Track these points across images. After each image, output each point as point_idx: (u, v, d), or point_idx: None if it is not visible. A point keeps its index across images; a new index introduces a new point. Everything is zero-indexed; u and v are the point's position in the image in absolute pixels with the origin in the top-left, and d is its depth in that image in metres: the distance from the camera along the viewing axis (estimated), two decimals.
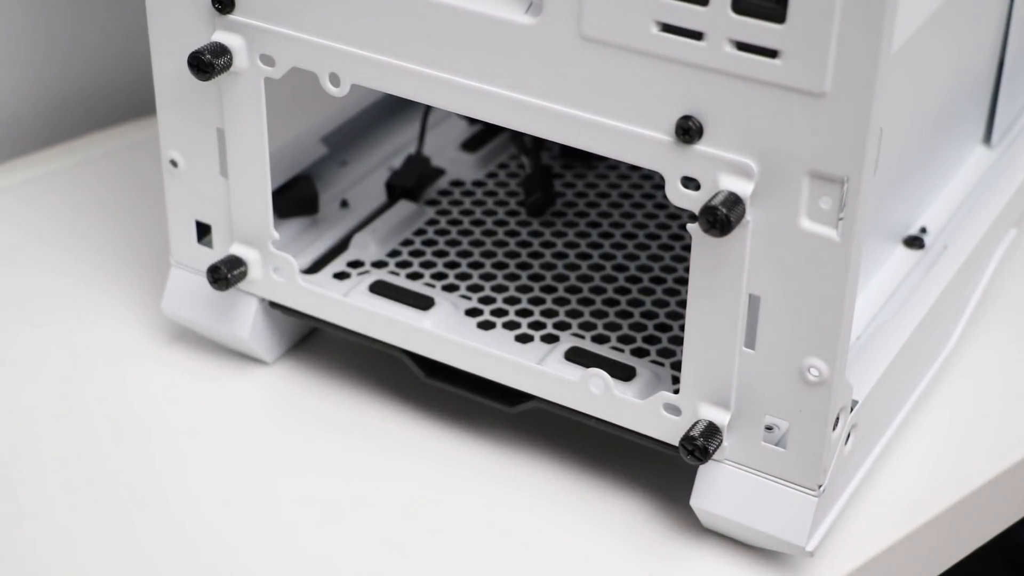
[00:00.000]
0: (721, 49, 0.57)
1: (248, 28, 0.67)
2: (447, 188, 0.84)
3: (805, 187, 0.58)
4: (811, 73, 0.55)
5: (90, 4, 0.99)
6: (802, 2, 0.54)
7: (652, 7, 0.57)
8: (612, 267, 0.78)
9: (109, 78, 1.01)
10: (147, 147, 0.91)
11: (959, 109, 0.78)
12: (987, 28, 0.77)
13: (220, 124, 0.70)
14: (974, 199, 0.78)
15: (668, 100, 0.59)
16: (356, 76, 0.65)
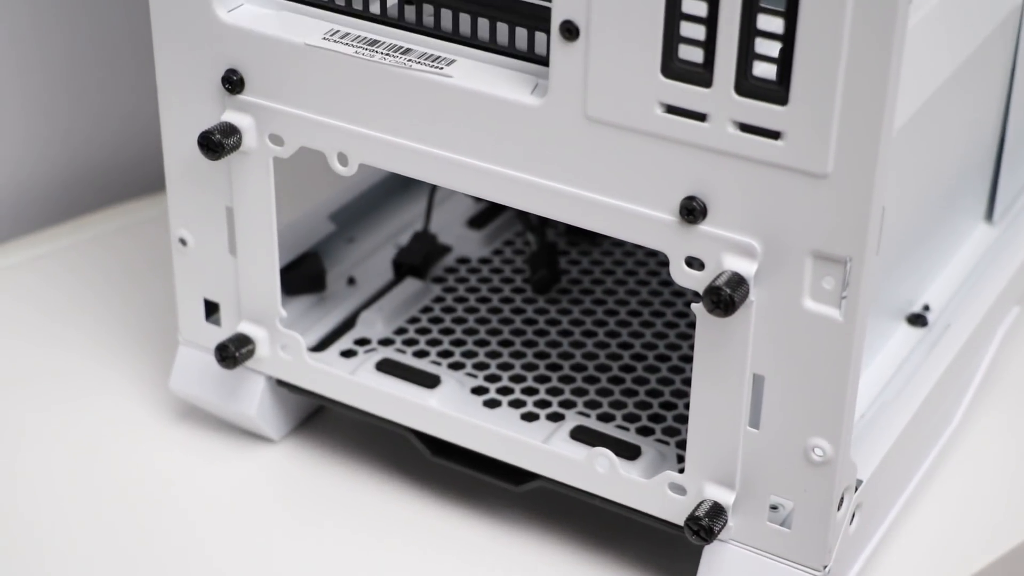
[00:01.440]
0: (724, 130, 0.57)
1: (257, 108, 0.67)
2: (453, 265, 0.85)
3: (808, 267, 0.58)
4: (813, 154, 0.56)
5: (101, 80, 1.00)
6: (804, 84, 0.55)
7: (656, 89, 0.58)
8: (617, 344, 0.78)
9: (119, 154, 1.02)
10: (157, 223, 0.92)
11: (961, 186, 0.78)
12: (988, 105, 0.78)
13: (229, 203, 0.71)
14: (976, 276, 0.79)
15: (672, 181, 0.59)
16: (364, 156, 0.66)
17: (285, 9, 0.67)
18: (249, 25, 0.66)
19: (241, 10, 0.67)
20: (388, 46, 0.65)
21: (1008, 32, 0.76)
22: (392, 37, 0.65)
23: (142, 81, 0.97)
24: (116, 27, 0.99)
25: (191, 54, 0.68)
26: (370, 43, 0.65)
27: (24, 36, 0.95)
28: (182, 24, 0.67)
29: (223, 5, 0.66)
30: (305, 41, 0.65)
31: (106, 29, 0.99)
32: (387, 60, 0.64)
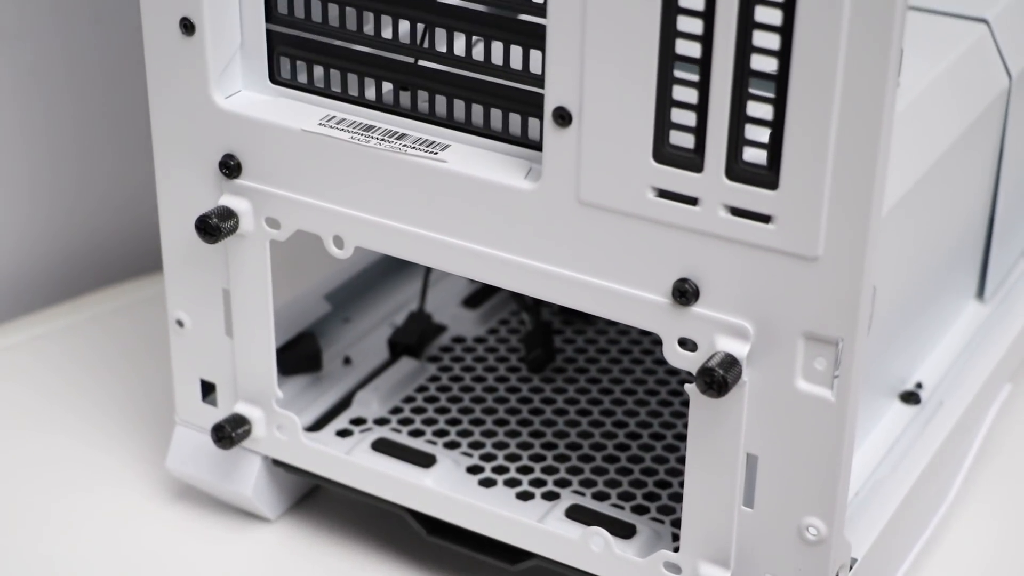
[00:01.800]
0: (716, 214, 0.58)
1: (254, 192, 0.68)
2: (449, 344, 0.85)
3: (800, 348, 0.59)
4: (804, 238, 0.57)
5: (98, 162, 1.01)
6: (794, 169, 0.56)
7: (648, 173, 0.59)
8: (612, 423, 0.78)
9: (116, 235, 1.03)
10: (154, 303, 0.93)
11: (952, 264, 0.79)
12: (977, 184, 0.79)
13: (226, 285, 0.71)
14: (969, 354, 0.79)
15: (665, 263, 0.60)
16: (359, 239, 0.67)
17: (282, 95, 0.68)
18: (246, 111, 0.67)
19: (238, 96, 0.68)
20: (383, 131, 0.65)
21: (995, 114, 0.77)
22: (387, 123, 0.66)
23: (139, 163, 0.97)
24: (114, 110, 1.00)
25: (189, 139, 0.69)
26: (365, 128, 0.66)
27: (24, 118, 0.96)
28: (180, 109, 0.68)
29: (220, 91, 0.67)
30: (301, 127, 0.66)
31: (104, 111, 1.00)
32: (382, 145, 0.64)
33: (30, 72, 0.95)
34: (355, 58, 0.66)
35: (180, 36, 0.66)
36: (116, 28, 0.98)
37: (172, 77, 0.68)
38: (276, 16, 0.66)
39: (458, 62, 0.64)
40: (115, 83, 0.99)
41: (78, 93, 0.98)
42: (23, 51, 0.95)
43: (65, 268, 1.01)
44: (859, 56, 0.53)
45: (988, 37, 0.76)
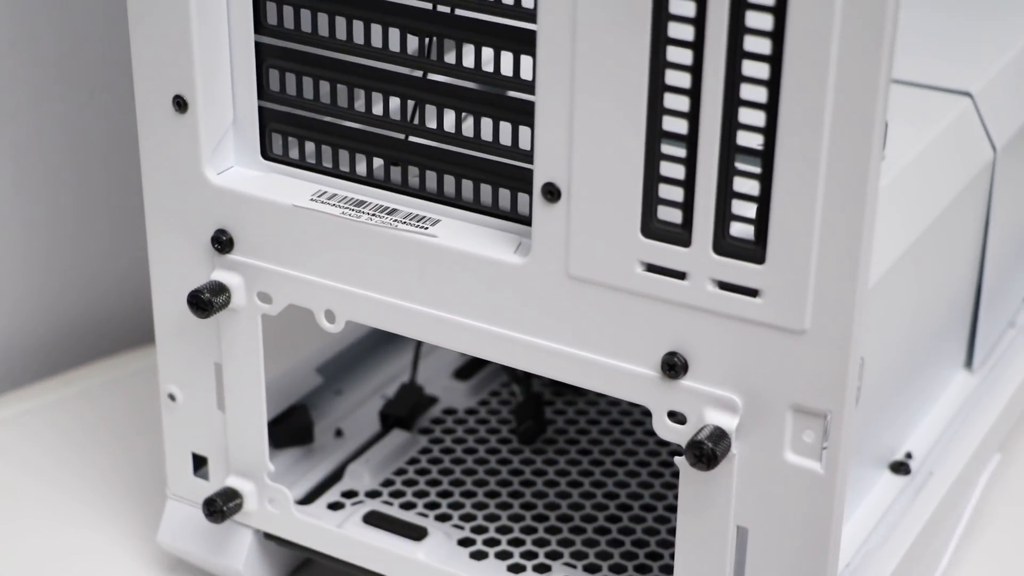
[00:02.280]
0: (704, 288, 0.59)
1: (246, 267, 0.69)
2: (440, 416, 0.85)
3: (788, 421, 0.59)
4: (791, 311, 0.57)
5: (89, 235, 1.01)
6: (780, 244, 0.56)
7: (636, 248, 0.59)
8: (603, 494, 0.79)
9: (108, 308, 1.03)
10: (145, 376, 0.93)
11: (940, 334, 0.79)
12: (963, 255, 0.79)
13: (218, 359, 0.72)
14: (958, 424, 0.80)
15: (653, 337, 0.61)
16: (351, 313, 0.67)
17: (273, 171, 0.69)
18: (238, 187, 0.67)
19: (231, 172, 0.69)
20: (374, 207, 0.66)
21: (980, 186, 0.78)
22: (378, 198, 0.67)
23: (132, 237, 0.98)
24: (107, 184, 1.01)
25: (182, 214, 0.69)
26: (357, 204, 0.66)
27: (16, 191, 0.97)
28: (173, 185, 0.69)
29: (213, 167, 0.68)
30: (293, 203, 0.66)
31: (97, 185, 1.01)
32: (373, 220, 0.65)
33: (24, 146, 0.96)
34: (346, 134, 0.67)
35: (173, 113, 0.67)
36: (110, 103, 0.99)
37: (165, 153, 0.69)
38: (268, 93, 0.67)
39: (448, 138, 0.64)
40: (109, 157, 1.00)
41: (71, 167, 0.99)
42: (17, 125, 0.95)
43: (56, 342, 1.01)
44: (844, 130, 0.54)
45: (972, 110, 0.77)
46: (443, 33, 0.63)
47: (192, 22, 0.65)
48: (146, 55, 0.67)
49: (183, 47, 0.65)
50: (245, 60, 0.67)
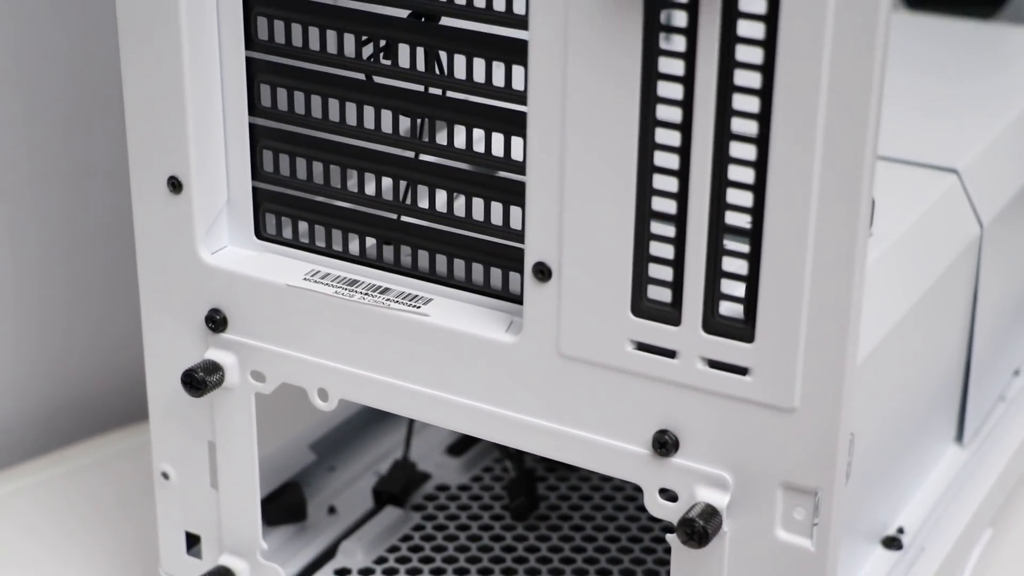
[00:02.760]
0: (694, 367, 0.59)
1: (240, 346, 0.69)
2: (433, 493, 0.85)
3: (779, 498, 0.60)
4: (780, 389, 0.58)
5: (84, 313, 1.02)
6: (769, 322, 0.57)
7: (627, 327, 0.60)
8: (596, 571, 0.79)
9: (100, 386, 1.03)
10: (137, 454, 0.93)
11: (930, 409, 0.80)
12: (952, 329, 0.80)
13: (211, 437, 0.72)
14: (949, 499, 0.80)
15: (644, 415, 0.61)
16: (344, 392, 0.68)
17: (267, 251, 0.69)
18: (232, 267, 0.68)
19: (224, 252, 0.69)
20: (367, 286, 0.67)
21: (968, 261, 0.78)
22: (371, 277, 0.67)
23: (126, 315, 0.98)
24: (102, 262, 1.02)
25: (176, 294, 0.70)
26: (350, 283, 0.67)
27: (8, 269, 0.97)
28: (167, 265, 0.70)
29: (207, 247, 0.68)
30: (287, 282, 0.67)
31: (92, 264, 1.01)
32: (366, 300, 0.66)
33: (20, 223, 0.97)
34: (339, 214, 0.67)
35: (168, 194, 0.68)
36: (106, 182, 0.99)
37: (160, 233, 0.69)
38: (262, 174, 0.68)
39: (440, 218, 0.65)
40: (104, 236, 1.01)
41: (66, 244, 1.00)
42: (15, 202, 0.96)
43: (48, 419, 1.01)
44: (831, 208, 0.54)
45: (959, 187, 0.78)
46: (435, 115, 0.64)
47: (187, 104, 0.65)
48: (141, 136, 0.67)
49: (178, 129, 0.66)
50: (239, 141, 0.67)
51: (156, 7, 0.64)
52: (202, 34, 0.65)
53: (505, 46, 0.61)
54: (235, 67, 0.66)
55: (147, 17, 0.65)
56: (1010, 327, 0.90)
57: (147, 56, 0.66)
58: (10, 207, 0.96)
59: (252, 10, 0.65)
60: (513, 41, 0.60)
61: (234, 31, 0.66)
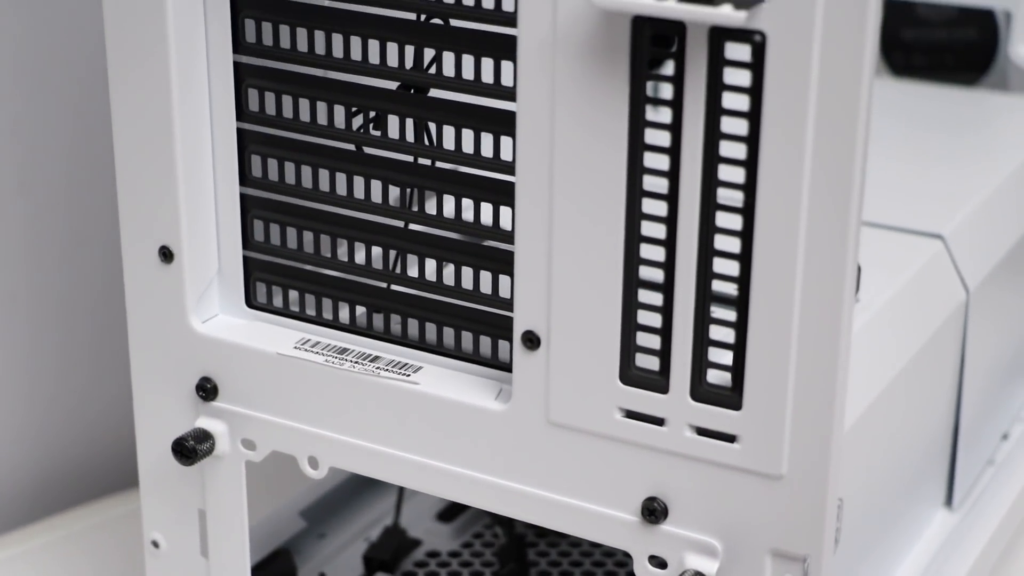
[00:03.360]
0: (682, 434, 0.59)
1: (231, 414, 0.69)
2: (423, 559, 0.85)
3: (768, 565, 0.60)
4: (768, 457, 0.58)
5: (74, 381, 1.02)
6: (756, 390, 0.57)
7: (615, 395, 0.60)
8: None
9: (90, 453, 1.03)
10: (127, 522, 0.93)
11: (919, 473, 0.80)
12: (940, 395, 0.80)
13: (202, 505, 0.72)
14: (939, 563, 0.80)
15: (633, 483, 0.61)
16: (334, 459, 0.68)
17: (258, 319, 0.70)
18: (223, 335, 0.68)
19: (215, 321, 0.70)
20: (357, 354, 0.67)
21: (954, 327, 0.79)
22: (361, 345, 0.68)
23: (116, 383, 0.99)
24: (92, 330, 1.02)
25: (166, 362, 0.70)
26: (340, 351, 0.67)
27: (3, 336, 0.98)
28: (158, 333, 0.70)
29: (198, 316, 0.69)
30: (277, 351, 0.67)
31: (83, 331, 1.02)
32: (356, 368, 0.66)
33: (11, 291, 0.97)
34: (329, 283, 0.68)
35: (159, 263, 0.68)
36: (97, 251, 1.00)
37: (150, 302, 0.70)
38: (253, 243, 0.68)
39: (429, 286, 0.65)
40: (95, 304, 1.01)
41: (57, 313, 1.00)
42: (5, 271, 0.96)
43: (39, 487, 1.01)
44: (816, 276, 0.55)
45: (944, 252, 0.79)
46: (424, 184, 0.64)
47: (178, 175, 0.66)
48: (133, 206, 0.68)
49: (169, 199, 0.67)
50: (230, 211, 0.68)
51: (149, 80, 0.65)
52: (194, 106, 0.66)
53: (493, 117, 0.62)
54: (226, 138, 0.67)
55: (140, 89, 0.66)
56: (998, 391, 0.90)
57: (139, 127, 0.66)
58: (3, 277, 0.96)
59: (243, 82, 0.66)
60: (501, 112, 0.61)
61: (225, 102, 0.66)
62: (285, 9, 0.65)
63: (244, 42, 0.66)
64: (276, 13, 0.65)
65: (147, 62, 0.65)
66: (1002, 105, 1.02)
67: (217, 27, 0.65)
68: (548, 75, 0.57)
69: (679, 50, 0.55)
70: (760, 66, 0.54)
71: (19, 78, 0.94)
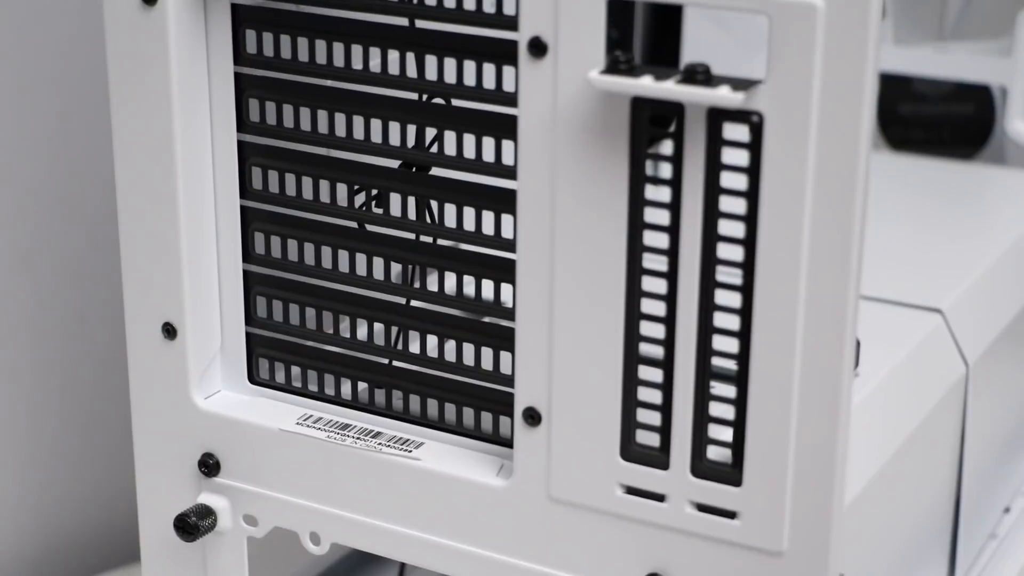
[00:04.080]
0: (683, 510, 0.60)
1: (233, 490, 0.69)
2: None
3: None
4: (768, 533, 0.58)
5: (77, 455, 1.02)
6: (756, 467, 0.58)
7: (616, 471, 0.60)
8: None
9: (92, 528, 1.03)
10: None
11: (920, 549, 0.80)
12: (941, 469, 0.80)
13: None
14: None
15: (634, 558, 0.61)
16: (335, 535, 0.68)
17: (260, 395, 0.70)
18: (226, 412, 0.69)
19: (218, 397, 0.70)
20: (359, 430, 0.67)
21: (954, 401, 0.79)
22: (363, 421, 0.68)
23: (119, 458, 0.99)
24: (95, 405, 1.02)
25: (169, 438, 0.70)
26: (342, 427, 0.67)
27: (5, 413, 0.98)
28: (161, 409, 0.70)
29: (201, 392, 0.69)
30: (280, 427, 0.68)
31: (85, 406, 1.02)
32: (358, 444, 0.66)
33: (14, 366, 0.97)
34: (331, 359, 0.68)
35: (162, 340, 0.69)
36: (99, 327, 1.00)
37: (154, 378, 0.70)
38: (255, 320, 0.69)
39: (431, 363, 0.66)
40: (97, 379, 1.01)
41: (60, 388, 1.00)
42: (8, 347, 0.97)
43: (41, 562, 1.01)
44: (815, 351, 0.55)
45: (943, 326, 0.79)
46: (425, 262, 0.65)
47: (182, 252, 0.67)
48: (137, 284, 0.68)
49: (173, 276, 0.67)
50: (233, 288, 0.68)
51: (153, 159, 0.66)
52: (198, 183, 0.67)
53: (494, 195, 0.62)
54: (230, 215, 0.67)
55: (144, 168, 0.66)
56: (999, 464, 0.90)
57: (143, 204, 0.67)
58: (6, 351, 0.97)
59: (247, 160, 0.67)
60: (502, 191, 0.62)
61: (229, 180, 0.67)
62: (289, 89, 0.65)
63: (248, 121, 0.66)
64: (280, 93, 0.66)
65: (152, 140, 0.66)
66: (999, 179, 1.03)
67: (221, 106, 0.66)
68: (548, 154, 0.58)
69: (678, 130, 0.56)
70: (758, 145, 0.54)
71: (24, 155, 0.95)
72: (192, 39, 0.65)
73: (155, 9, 0.63)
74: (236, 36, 0.65)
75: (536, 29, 0.57)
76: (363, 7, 0.63)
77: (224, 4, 0.65)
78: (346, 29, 0.64)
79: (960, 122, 1.16)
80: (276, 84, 0.66)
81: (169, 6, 0.63)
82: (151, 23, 0.64)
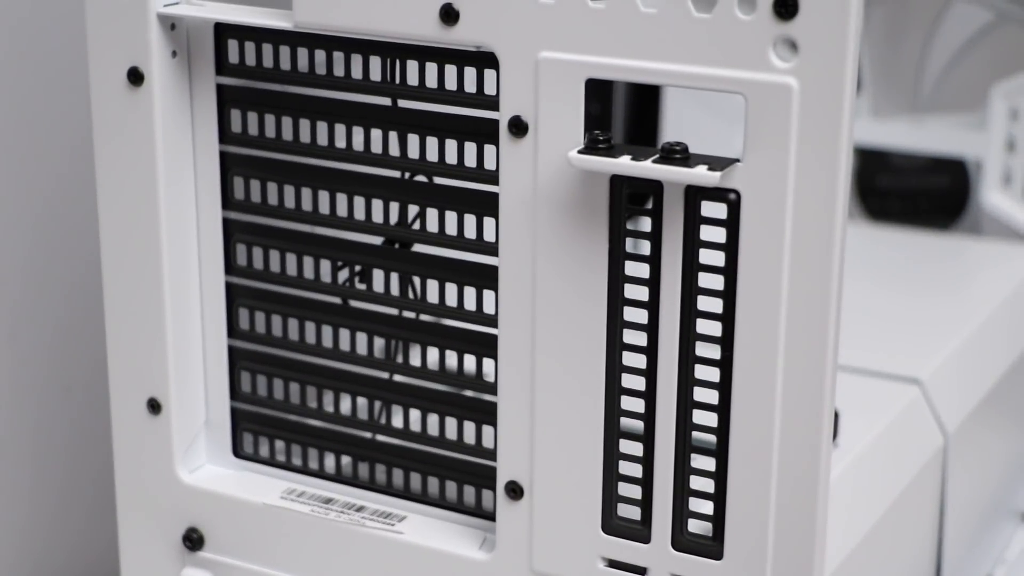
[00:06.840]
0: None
1: (216, 564, 0.70)
2: None
3: None
4: None
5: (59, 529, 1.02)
6: (737, 540, 0.58)
7: (598, 544, 0.61)
8: None
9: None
10: None
11: None
12: (921, 540, 0.81)
13: None
14: None
15: None
16: None
17: (244, 469, 0.70)
18: (210, 486, 0.69)
19: (202, 471, 0.70)
20: (342, 504, 0.68)
21: (933, 472, 0.80)
22: (346, 495, 0.68)
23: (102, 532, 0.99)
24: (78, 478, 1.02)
25: (153, 512, 0.71)
26: (325, 501, 0.68)
27: None
28: (145, 483, 0.70)
29: (185, 467, 0.70)
30: (263, 501, 0.68)
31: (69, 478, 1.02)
32: (341, 518, 0.67)
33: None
34: (315, 433, 0.69)
35: (147, 415, 0.69)
36: (83, 399, 1.01)
37: (138, 452, 0.70)
38: (240, 394, 0.69)
39: (413, 437, 0.66)
40: (81, 452, 1.01)
41: (43, 461, 1.00)
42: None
43: None
44: (794, 424, 0.56)
45: (921, 397, 0.80)
46: (408, 337, 0.66)
47: (167, 328, 0.67)
48: (122, 359, 0.69)
49: (158, 352, 0.68)
50: (218, 364, 0.69)
51: (139, 235, 0.66)
52: (183, 259, 0.67)
53: (476, 271, 0.63)
54: (215, 292, 0.68)
55: (130, 244, 0.67)
56: (980, 533, 0.91)
57: (129, 281, 0.67)
58: None
59: (232, 237, 0.68)
60: (484, 267, 0.63)
61: (214, 257, 0.68)
62: (273, 167, 0.66)
63: (233, 198, 0.67)
64: (264, 171, 0.66)
65: (137, 217, 0.66)
66: (975, 250, 1.04)
67: (206, 184, 0.67)
68: (529, 231, 0.59)
69: (656, 208, 0.57)
70: (735, 222, 0.55)
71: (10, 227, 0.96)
72: (178, 118, 0.66)
73: (142, 88, 0.64)
74: (221, 115, 0.66)
75: (516, 109, 0.58)
76: (346, 87, 0.64)
77: (210, 84, 0.66)
78: (329, 109, 0.65)
79: (937, 194, 1.17)
80: (261, 162, 0.66)
81: (155, 86, 0.64)
82: (138, 102, 0.65)
